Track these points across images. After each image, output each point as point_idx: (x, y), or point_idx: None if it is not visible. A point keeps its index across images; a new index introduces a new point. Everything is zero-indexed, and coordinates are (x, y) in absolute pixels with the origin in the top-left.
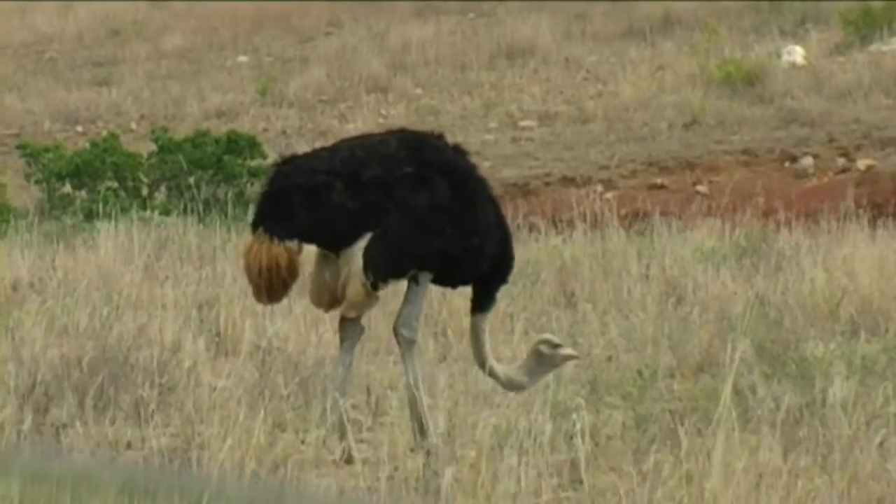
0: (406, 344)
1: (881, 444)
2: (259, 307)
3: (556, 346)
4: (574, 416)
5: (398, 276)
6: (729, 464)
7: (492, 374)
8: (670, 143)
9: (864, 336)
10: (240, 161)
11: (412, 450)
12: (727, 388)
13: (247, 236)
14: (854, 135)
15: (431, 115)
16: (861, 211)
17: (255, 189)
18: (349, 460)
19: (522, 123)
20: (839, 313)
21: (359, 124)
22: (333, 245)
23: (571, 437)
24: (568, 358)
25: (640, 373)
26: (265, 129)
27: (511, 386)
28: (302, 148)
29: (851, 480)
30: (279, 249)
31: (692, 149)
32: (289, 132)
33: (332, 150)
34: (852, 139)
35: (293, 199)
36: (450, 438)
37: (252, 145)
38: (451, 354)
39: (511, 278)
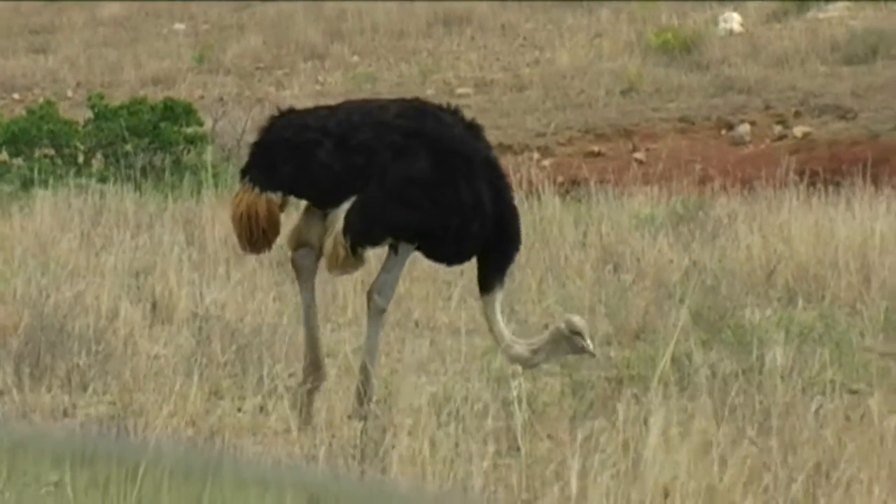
0: (375, 310)
1: (817, 410)
2: (196, 275)
3: (577, 333)
4: (512, 383)
5: (373, 243)
6: (666, 431)
7: (503, 350)
8: (607, 110)
9: (800, 303)
10: (176, 128)
11: (349, 417)
12: (666, 356)
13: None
14: (791, 102)
15: (368, 83)
16: (797, 178)
17: (191, 156)
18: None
19: (459, 91)
20: (775, 280)
21: (296, 91)
22: (318, 202)
23: (509, 405)
24: (583, 351)
25: None
26: (202, 97)
27: (511, 358)
28: (238, 115)
29: (788, 447)
30: (260, 199)
31: (629, 116)
32: (225, 99)
33: (332, 109)
34: (789, 106)
35: (280, 151)
36: (387, 406)
37: (188, 112)
38: (388, 322)
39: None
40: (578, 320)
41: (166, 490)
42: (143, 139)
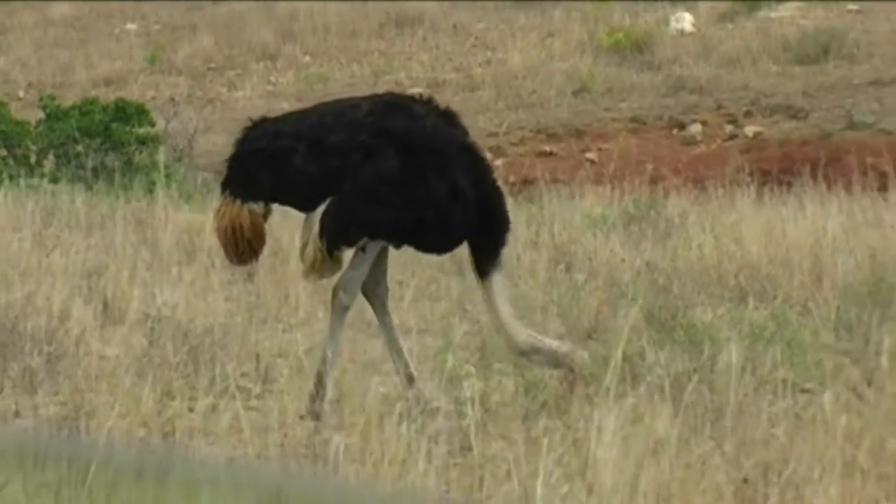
0: (339, 307)
1: (769, 409)
2: (147, 275)
3: (571, 368)
4: (465, 383)
5: (349, 243)
6: (618, 430)
7: (505, 336)
8: (559, 110)
9: (751, 302)
10: (128, 129)
11: (301, 417)
12: (617, 355)
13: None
14: (742, 102)
15: (320, 83)
16: (749, 177)
17: (143, 157)
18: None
19: (411, 91)
20: (727, 280)
21: (248, 92)
22: (299, 207)
23: (461, 405)
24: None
25: None
26: (154, 97)
27: (512, 345)
28: (189, 116)
29: (740, 446)
30: (242, 211)
31: (581, 116)
32: (177, 100)
33: (305, 113)
34: (740, 106)
35: (257, 161)
36: (339, 406)
37: (140, 113)
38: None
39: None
40: (582, 361)
41: (118, 491)
42: (94, 140)
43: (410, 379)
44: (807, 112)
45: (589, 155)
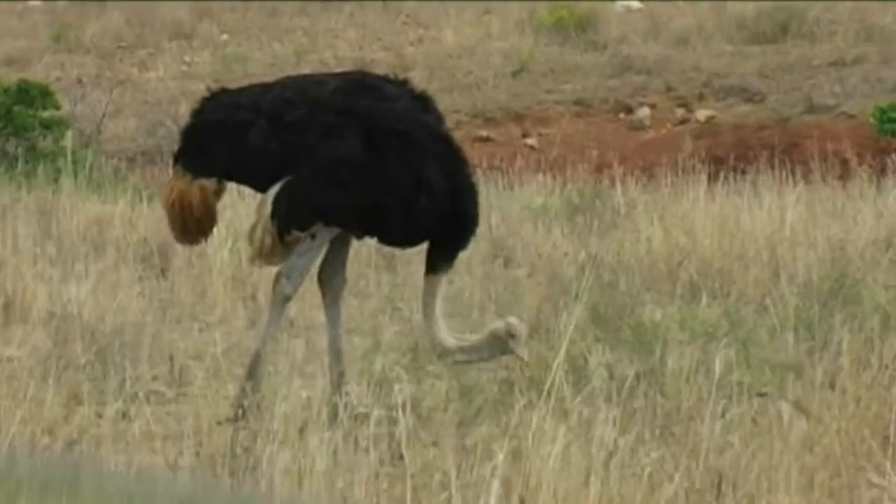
0: (279, 295)
1: (723, 415)
2: (53, 271)
3: (513, 336)
4: (395, 386)
5: (301, 227)
6: (561, 438)
7: (429, 335)
8: (497, 92)
9: (704, 299)
10: (31, 112)
11: (219, 423)
12: (560, 356)
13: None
14: (694, 83)
15: (239, 63)
16: (701, 165)
17: (47, 143)
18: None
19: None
20: (678, 275)
21: (161, 72)
22: (254, 186)
23: (392, 410)
24: (517, 355)
25: None
26: (59, 78)
27: (435, 346)
28: (98, 98)
29: (692, 453)
30: (192, 186)
31: (520, 99)
32: (85, 81)
33: (267, 86)
34: (692, 88)
35: (211, 134)
36: (260, 411)
37: (45, 95)
38: (262, 321)
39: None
40: (518, 325)
41: (20, 503)
42: None
43: (340, 381)
44: (763, 95)
45: (529, 140)
